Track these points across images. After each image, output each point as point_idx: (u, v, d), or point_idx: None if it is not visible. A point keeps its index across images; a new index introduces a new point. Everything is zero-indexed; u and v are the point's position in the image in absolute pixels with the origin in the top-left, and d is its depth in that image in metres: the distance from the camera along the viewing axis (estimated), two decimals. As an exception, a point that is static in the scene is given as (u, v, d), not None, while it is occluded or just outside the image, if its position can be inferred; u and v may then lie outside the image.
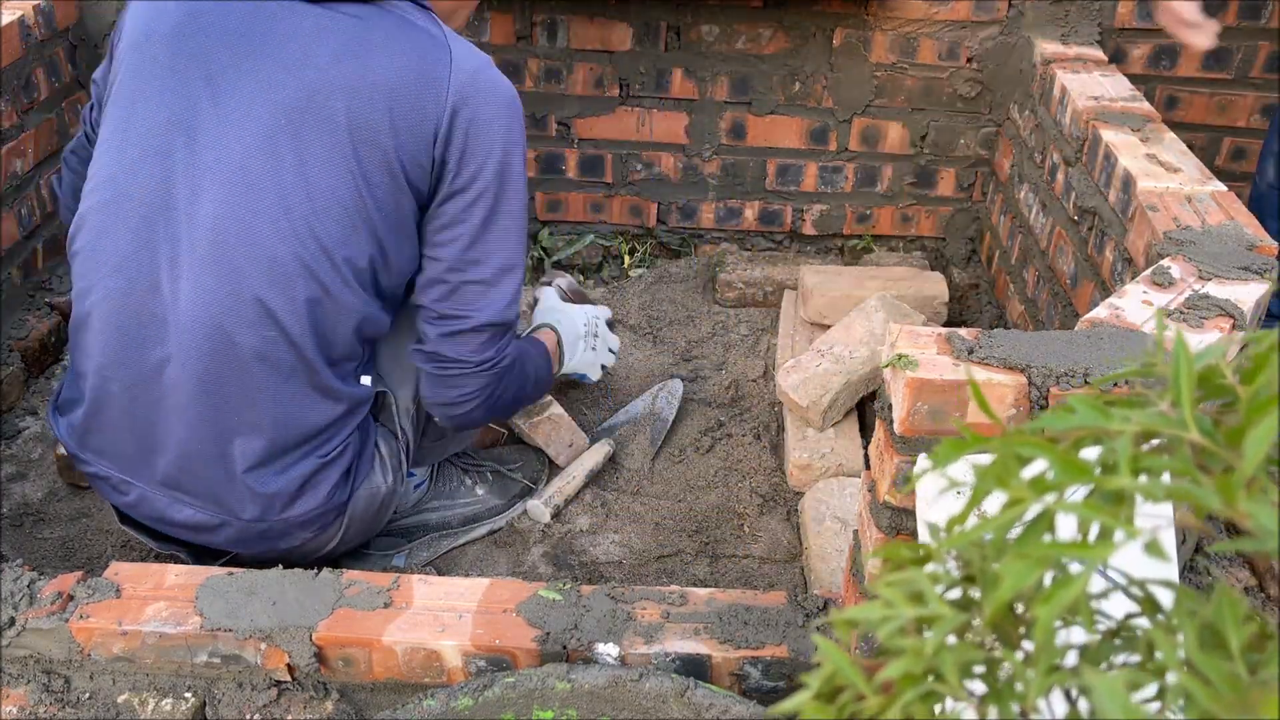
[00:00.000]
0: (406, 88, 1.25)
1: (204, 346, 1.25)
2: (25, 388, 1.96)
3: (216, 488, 1.33)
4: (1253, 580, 1.31)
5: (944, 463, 0.51)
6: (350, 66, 1.24)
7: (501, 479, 1.75)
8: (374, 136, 1.25)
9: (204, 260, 1.24)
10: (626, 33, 2.19)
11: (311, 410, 1.32)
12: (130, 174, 1.27)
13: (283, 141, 1.23)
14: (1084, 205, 1.71)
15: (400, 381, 1.47)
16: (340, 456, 1.37)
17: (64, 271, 2.17)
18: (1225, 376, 0.50)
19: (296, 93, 1.24)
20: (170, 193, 1.25)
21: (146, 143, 1.27)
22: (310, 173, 1.24)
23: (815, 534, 1.59)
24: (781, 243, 2.44)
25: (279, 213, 1.24)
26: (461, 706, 1.10)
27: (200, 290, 1.25)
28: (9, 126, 1.98)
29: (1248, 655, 0.45)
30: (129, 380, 1.30)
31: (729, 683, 1.20)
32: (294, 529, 1.37)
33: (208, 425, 1.29)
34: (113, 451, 1.36)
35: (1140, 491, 0.45)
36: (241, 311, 1.24)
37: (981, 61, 2.17)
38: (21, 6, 2.03)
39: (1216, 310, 1.14)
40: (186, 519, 1.36)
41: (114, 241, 1.28)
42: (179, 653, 1.21)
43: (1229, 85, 2.18)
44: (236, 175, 1.24)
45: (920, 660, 0.48)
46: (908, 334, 1.03)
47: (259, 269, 1.24)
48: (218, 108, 1.25)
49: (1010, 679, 0.48)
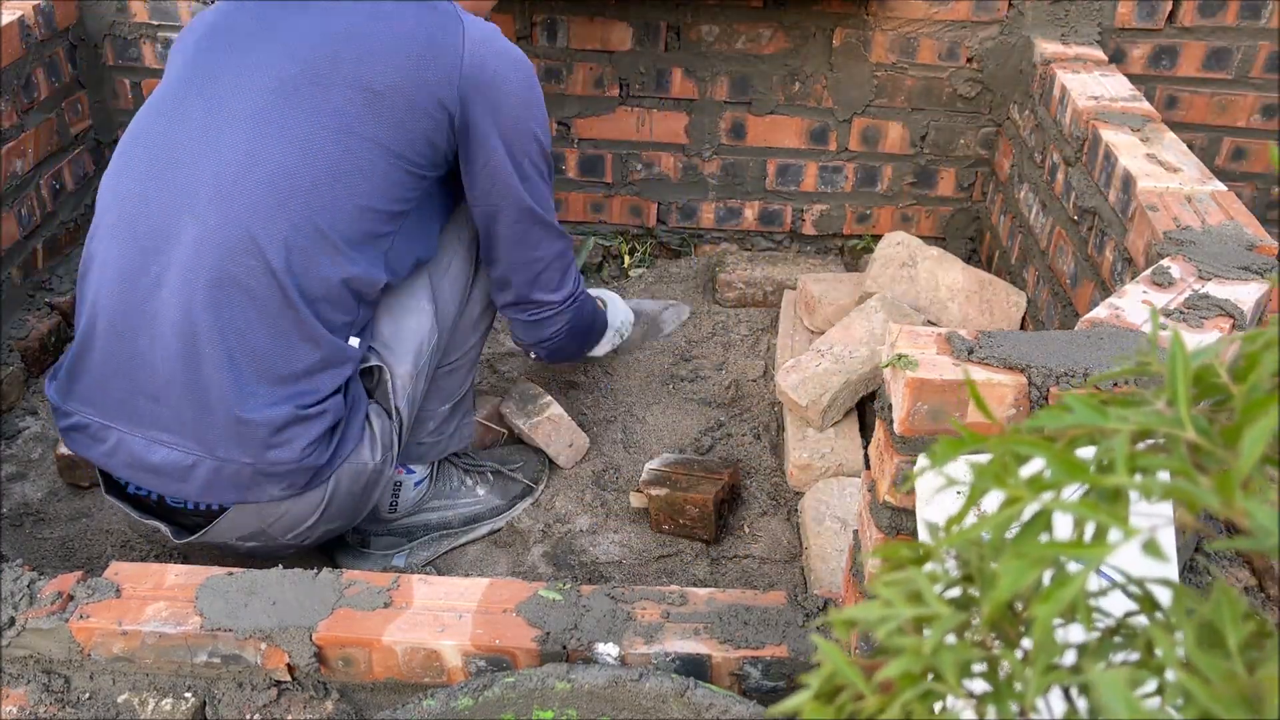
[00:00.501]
0: (420, 50, 1.35)
1: (193, 277, 1.29)
2: (25, 388, 1.96)
3: (191, 421, 1.32)
4: (1252, 580, 1.31)
5: (942, 462, 0.51)
6: (367, 35, 1.34)
7: (502, 479, 1.75)
8: (392, 97, 1.33)
9: (208, 195, 1.30)
10: (626, 33, 2.19)
11: (289, 349, 1.33)
12: (151, 119, 1.38)
13: (300, 95, 1.32)
14: (1084, 205, 1.71)
15: (399, 358, 1.47)
16: (319, 415, 1.35)
17: (64, 271, 2.17)
18: (1220, 375, 0.50)
19: (315, 57, 1.33)
20: (187, 132, 1.34)
21: (170, 95, 1.38)
22: (322, 124, 1.31)
23: (815, 534, 1.59)
24: (781, 243, 2.44)
25: (282, 159, 1.30)
26: (461, 706, 1.10)
27: (200, 223, 1.29)
28: (9, 126, 1.98)
29: (1246, 653, 0.45)
30: (121, 311, 1.32)
31: (729, 683, 1.20)
32: (265, 480, 1.34)
33: (189, 353, 1.30)
34: (94, 396, 1.37)
35: (1137, 490, 0.46)
36: (230, 241, 1.29)
37: (981, 61, 2.17)
38: (21, 6, 2.03)
39: (1216, 310, 1.14)
40: (161, 460, 1.34)
41: (128, 181, 1.36)
42: (179, 653, 1.21)
43: (1229, 85, 2.18)
44: (247, 125, 1.31)
45: (919, 659, 0.48)
46: (908, 334, 1.03)
47: (252, 205, 1.29)
48: (237, 66, 1.35)
49: (1009, 678, 0.48)
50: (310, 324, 1.33)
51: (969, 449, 0.50)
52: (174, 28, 2.24)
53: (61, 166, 2.18)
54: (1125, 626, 0.51)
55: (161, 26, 2.24)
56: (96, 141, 2.32)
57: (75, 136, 2.23)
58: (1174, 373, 0.49)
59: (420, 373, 1.50)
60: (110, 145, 2.36)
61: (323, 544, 1.57)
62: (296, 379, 1.34)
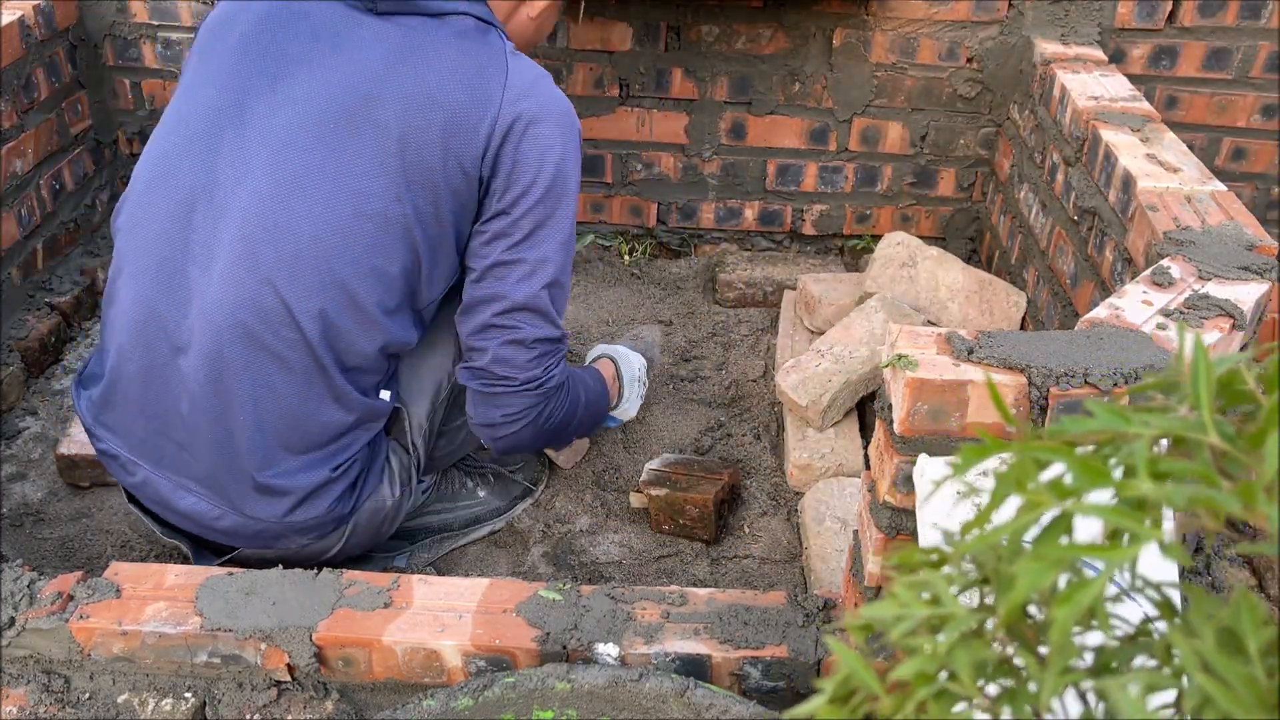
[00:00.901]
0: (458, 102, 1.25)
1: (223, 337, 1.25)
2: (25, 388, 1.96)
3: (220, 479, 1.32)
4: (1253, 580, 1.31)
5: (965, 469, 0.51)
6: (403, 76, 1.25)
7: (503, 480, 1.75)
8: (422, 148, 1.25)
9: (235, 253, 1.24)
10: (626, 33, 2.19)
11: (321, 415, 1.31)
12: (179, 154, 1.29)
13: (328, 142, 1.24)
14: (1084, 205, 1.71)
15: (416, 396, 1.46)
16: (349, 470, 1.36)
17: (64, 271, 2.17)
18: (1246, 383, 0.50)
19: (348, 97, 1.24)
20: (214, 177, 1.26)
21: (199, 124, 1.28)
22: (351, 177, 1.24)
23: (815, 534, 1.59)
24: (781, 243, 2.44)
25: (313, 213, 1.24)
26: (461, 706, 1.10)
27: (227, 282, 1.24)
28: (9, 126, 1.98)
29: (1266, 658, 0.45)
30: (146, 362, 1.30)
31: (729, 683, 1.20)
32: (292, 533, 1.37)
33: (217, 415, 1.28)
34: (124, 430, 1.36)
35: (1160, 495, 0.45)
36: (263, 307, 1.24)
37: (981, 61, 2.17)
38: (21, 6, 2.03)
39: (1216, 310, 1.14)
40: (189, 507, 1.35)
41: (152, 221, 1.29)
42: (179, 653, 1.21)
43: (1229, 85, 2.18)
44: (277, 171, 1.24)
45: (934, 660, 0.48)
46: (908, 334, 1.03)
47: (284, 268, 1.23)
48: (270, 101, 1.26)
49: (1024, 679, 0.48)
50: (344, 390, 1.30)
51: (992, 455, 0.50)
52: (174, 28, 2.24)
53: (61, 166, 2.18)
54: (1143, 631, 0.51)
55: (161, 26, 2.24)
56: (96, 141, 2.32)
57: (75, 136, 2.23)
58: (1196, 377, 0.49)
59: (438, 407, 1.49)
60: (110, 145, 2.36)
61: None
62: (327, 442, 1.33)
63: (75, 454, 1.73)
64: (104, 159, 2.34)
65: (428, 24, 1.28)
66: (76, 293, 2.13)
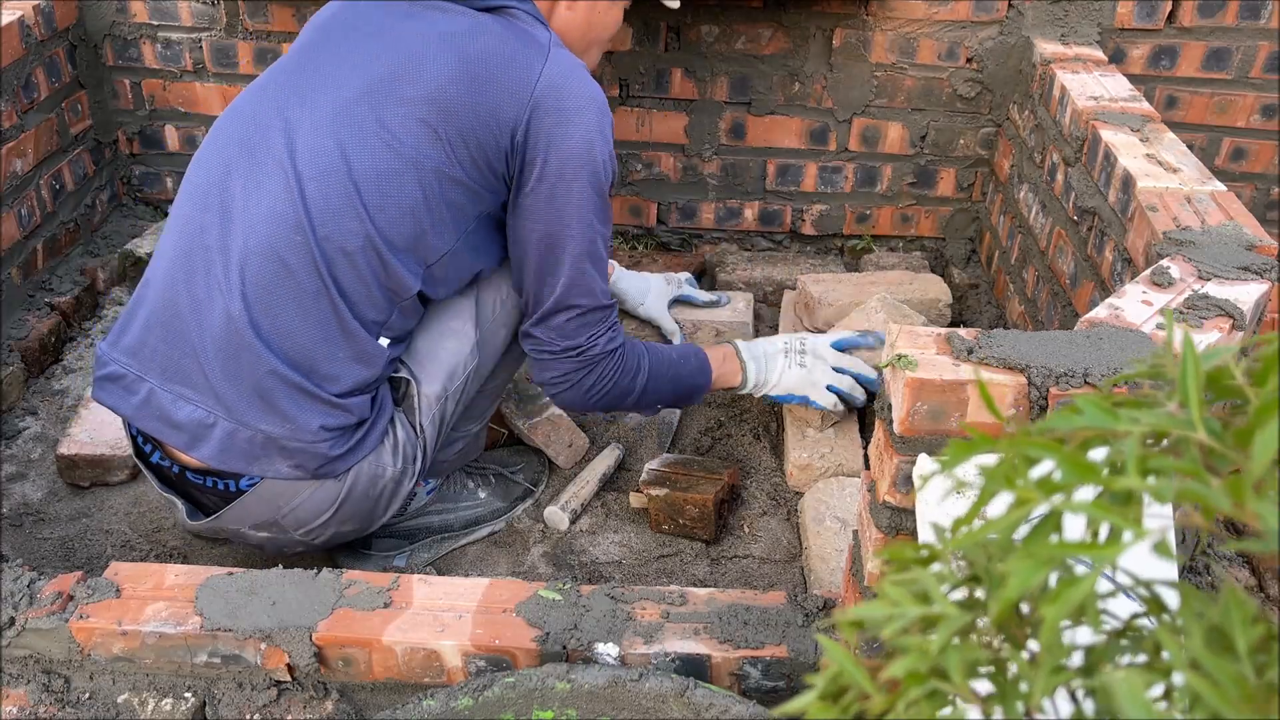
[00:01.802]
0: (495, 74, 1.35)
1: (251, 247, 1.33)
2: (25, 388, 1.96)
3: (221, 380, 1.34)
4: (1253, 580, 1.31)
5: (953, 465, 0.51)
6: (449, 49, 1.36)
7: (504, 481, 1.76)
8: (455, 113, 1.34)
9: (276, 178, 1.34)
10: (626, 33, 2.19)
11: (321, 334, 1.35)
12: (251, 98, 1.44)
13: (374, 95, 1.35)
14: (1084, 205, 1.71)
15: (430, 374, 1.48)
16: (341, 406, 1.37)
17: (64, 271, 2.17)
18: (1235, 378, 0.50)
19: (391, 63, 1.36)
20: (267, 127, 1.38)
21: (275, 85, 1.43)
22: (387, 123, 1.34)
23: (815, 534, 1.59)
24: (781, 243, 2.44)
25: (340, 163, 1.33)
26: (461, 706, 1.10)
27: (268, 201, 1.33)
28: (9, 126, 1.98)
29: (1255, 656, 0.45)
30: (179, 267, 1.37)
31: (729, 683, 1.20)
32: (276, 452, 1.36)
33: (232, 316, 1.33)
34: (139, 346, 1.39)
35: (1149, 492, 0.45)
36: (289, 220, 1.32)
37: (981, 61, 2.17)
38: (21, 6, 2.03)
39: (1216, 310, 1.14)
40: (185, 417, 1.36)
41: (214, 147, 1.41)
42: (179, 653, 1.21)
43: (1229, 85, 2.18)
44: (317, 127, 1.35)
45: (925, 659, 0.48)
46: (907, 334, 1.03)
47: (314, 193, 1.33)
48: (328, 70, 1.39)
49: (1015, 678, 0.48)
50: (343, 314, 1.35)
51: (980, 451, 0.50)
52: (174, 28, 2.24)
53: (61, 166, 2.18)
54: (1132, 629, 0.51)
55: (162, 26, 2.24)
56: (96, 142, 2.32)
57: (75, 136, 2.23)
58: (1186, 374, 0.49)
59: (451, 395, 1.50)
60: (110, 145, 2.36)
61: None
62: (324, 362, 1.36)
63: (75, 454, 1.73)
64: (104, 159, 2.34)
65: (483, 16, 1.40)
66: (76, 293, 2.13)
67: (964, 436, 0.51)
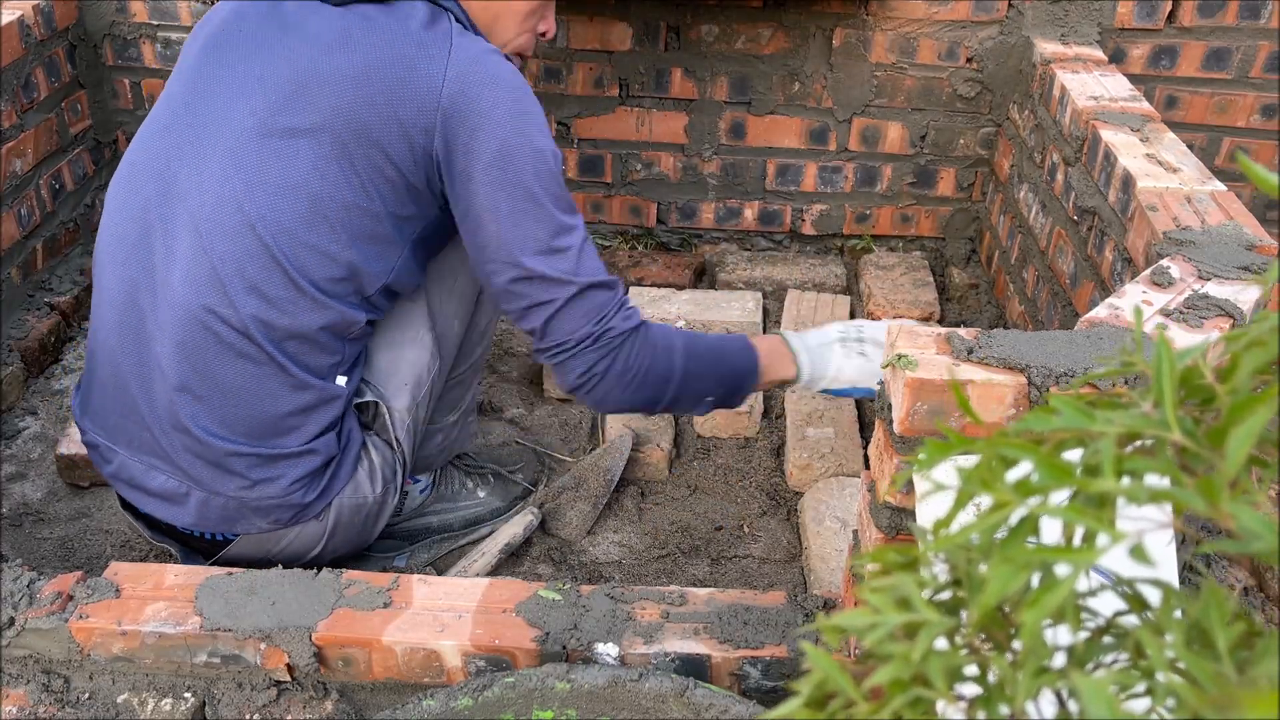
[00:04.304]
0: (393, 89, 1.24)
1: (181, 324, 1.28)
2: (25, 388, 1.96)
3: (180, 453, 1.33)
4: (1252, 580, 1.31)
5: (929, 465, 0.51)
6: (342, 59, 1.25)
7: (503, 481, 1.76)
8: (358, 138, 1.25)
9: (187, 242, 1.28)
10: (626, 33, 2.19)
11: (269, 395, 1.31)
12: (150, 143, 1.35)
13: (269, 132, 1.26)
14: (1084, 205, 1.71)
15: (395, 391, 1.45)
16: (306, 454, 1.35)
17: (64, 271, 2.17)
18: (1205, 376, 0.50)
19: (288, 83, 1.26)
20: (172, 173, 1.30)
21: (167, 118, 1.34)
22: (289, 164, 1.25)
23: (815, 534, 1.59)
24: (781, 243, 2.44)
25: (252, 208, 1.25)
26: (461, 706, 1.10)
27: (183, 269, 1.28)
28: (9, 126, 1.98)
29: (1236, 654, 0.45)
30: (114, 340, 1.34)
31: (728, 683, 1.20)
32: (251, 513, 1.36)
33: (172, 392, 1.30)
34: (100, 416, 1.39)
35: (1123, 494, 0.45)
36: (207, 290, 1.27)
37: (981, 61, 2.17)
38: (21, 6, 2.03)
39: (1216, 310, 1.14)
40: (159, 486, 1.36)
41: (122, 211, 1.34)
42: (179, 653, 1.21)
43: (1229, 85, 2.18)
44: (223, 166, 1.27)
45: (908, 666, 0.47)
46: (907, 334, 1.03)
47: (225, 252, 1.26)
48: (224, 95, 1.29)
49: (999, 682, 0.48)
50: (290, 370, 1.30)
51: (956, 452, 0.50)
52: (174, 27, 2.24)
53: (61, 166, 2.18)
54: (1115, 627, 0.51)
55: (161, 26, 2.24)
56: (96, 141, 2.32)
57: (75, 136, 2.23)
58: (1159, 373, 0.49)
59: (421, 402, 1.48)
60: (110, 145, 2.36)
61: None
62: (278, 421, 1.33)
63: (75, 454, 1.73)
64: (104, 159, 2.34)
65: (374, 10, 1.28)
66: (76, 292, 2.13)
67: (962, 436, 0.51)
